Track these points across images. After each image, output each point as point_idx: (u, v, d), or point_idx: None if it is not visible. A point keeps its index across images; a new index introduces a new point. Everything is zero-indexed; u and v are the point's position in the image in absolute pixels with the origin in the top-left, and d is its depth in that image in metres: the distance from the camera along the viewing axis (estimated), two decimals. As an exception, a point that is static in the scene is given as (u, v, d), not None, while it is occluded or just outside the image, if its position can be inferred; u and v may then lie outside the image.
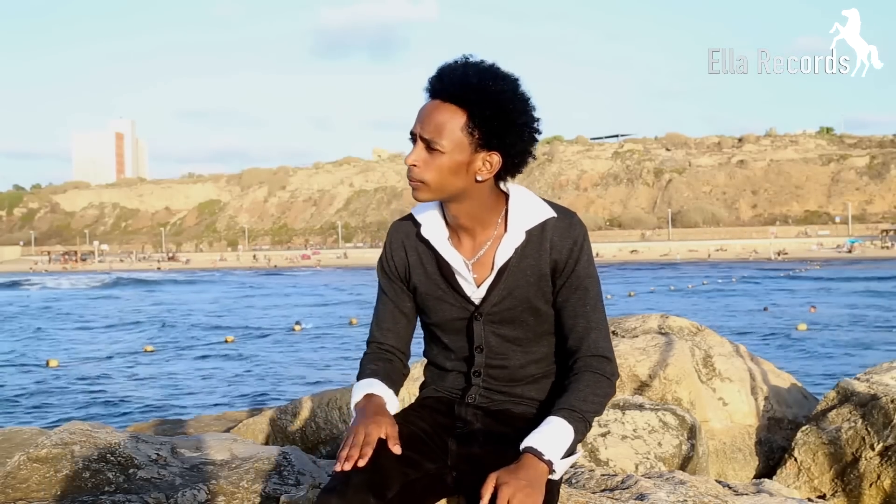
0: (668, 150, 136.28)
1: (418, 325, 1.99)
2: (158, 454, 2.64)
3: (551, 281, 1.79)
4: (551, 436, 1.63)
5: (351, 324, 25.53)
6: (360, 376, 1.89)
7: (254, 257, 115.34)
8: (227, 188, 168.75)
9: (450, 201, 1.77)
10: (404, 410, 1.91)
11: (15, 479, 2.39)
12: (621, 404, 3.67)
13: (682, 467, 3.41)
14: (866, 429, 3.75)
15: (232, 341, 22.29)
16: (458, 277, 1.81)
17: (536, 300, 1.79)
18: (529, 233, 1.78)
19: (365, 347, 1.96)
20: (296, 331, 24.69)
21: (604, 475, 2.36)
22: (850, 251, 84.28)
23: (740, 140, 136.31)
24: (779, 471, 3.93)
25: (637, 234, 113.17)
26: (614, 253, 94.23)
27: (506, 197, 1.82)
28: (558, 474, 1.64)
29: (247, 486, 2.45)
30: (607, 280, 44.49)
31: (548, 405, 1.76)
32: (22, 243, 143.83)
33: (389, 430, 1.71)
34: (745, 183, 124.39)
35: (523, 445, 1.62)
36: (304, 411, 4.83)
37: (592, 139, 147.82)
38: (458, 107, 1.69)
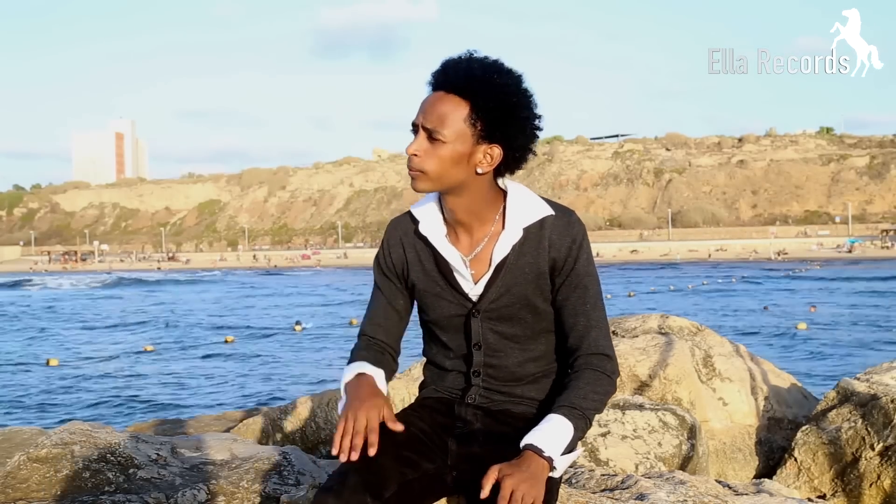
0: (668, 150, 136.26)
1: (416, 324, 1.99)
2: (158, 454, 2.64)
3: (550, 279, 1.79)
4: (551, 433, 1.64)
5: (351, 324, 25.53)
6: (350, 362, 1.89)
7: (254, 257, 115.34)
8: (227, 188, 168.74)
9: (448, 194, 1.77)
10: (403, 410, 1.90)
11: (15, 479, 2.39)
12: (621, 404, 3.67)
13: (682, 467, 3.42)
14: (866, 429, 3.75)
15: (232, 341, 22.31)
16: (455, 274, 1.81)
17: (534, 298, 1.79)
18: (527, 230, 1.78)
19: (357, 339, 1.96)
20: (296, 331, 24.71)
21: (604, 475, 2.36)
22: (850, 251, 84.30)
23: (740, 140, 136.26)
24: (779, 471, 3.94)
25: (637, 234, 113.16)
26: (614, 253, 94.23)
27: (504, 194, 1.82)
28: (559, 471, 1.64)
29: (247, 486, 2.45)
30: (607, 280, 44.49)
31: (548, 405, 1.76)
32: (22, 243, 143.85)
33: (386, 411, 1.70)
34: (745, 183, 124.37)
35: (523, 443, 1.63)
36: (304, 411, 4.83)
37: (592, 139, 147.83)
38: (461, 98, 1.69)
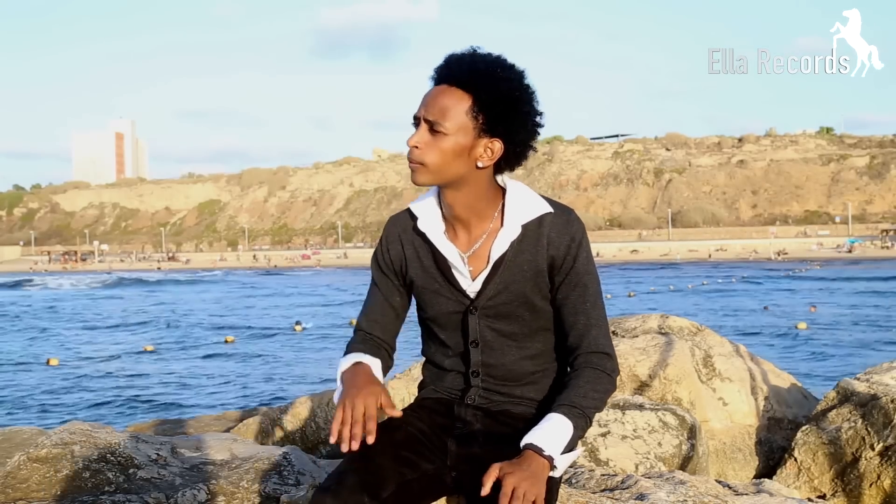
0: (668, 150, 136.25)
1: (416, 324, 1.99)
2: (158, 454, 2.64)
3: (549, 277, 1.78)
4: (551, 432, 1.63)
5: (351, 324, 25.51)
6: (346, 354, 1.88)
7: (254, 257, 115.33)
8: (227, 188, 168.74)
9: (448, 188, 1.77)
10: (403, 411, 1.90)
11: (15, 479, 2.39)
12: (621, 404, 3.67)
13: (682, 467, 3.41)
14: (866, 429, 3.75)
15: (232, 341, 22.31)
16: (453, 271, 1.81)
17: (532, 295, 1.79)
18: (526, 227, 1.77)
19: (353, 335, 1.96)
20: (296, 331, 24.71)
21: (604, 475, 2.36)
22: (850, 251, 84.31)
23: (740, 140, 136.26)
24: (779, 471, 3.93)
25: (636, 234, 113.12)
26: (614, 253, 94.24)
27: (503, 192, 1.82)
28: (559, 470, 1.64)
29: (247, 486, 2.45)
30: (607, 280, 44.49)
31: (547, 405, 1.76)
32: (22, 243, 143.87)
33: (383, 398, 1.69)
34: (745, 183, 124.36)
35: (524, 442, 1.63)
36: (304, 411, 4.83)
37: (592, 139, 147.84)
38: (464, 91, 1.70)
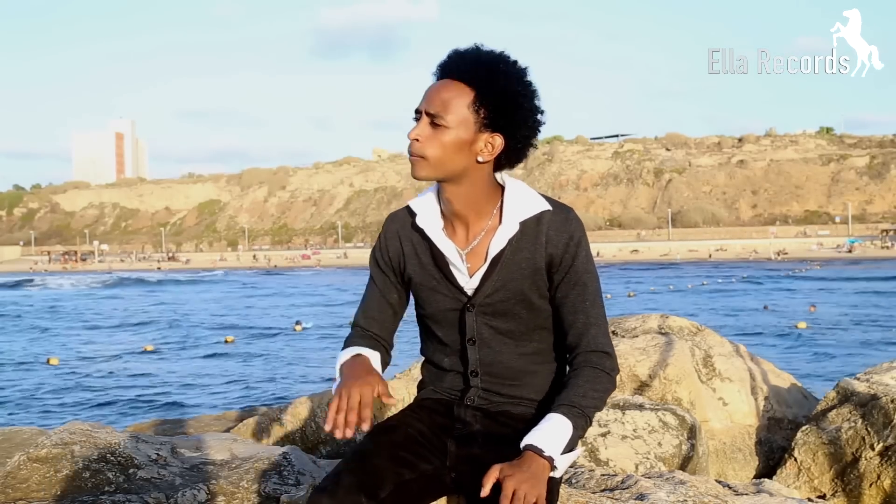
0: (668, 150, 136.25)
1: (414, 322, 1.98)
2: (158, 454, 2.64)
3: (547, 276, 1.78)
4: (551, 432, 1.63)
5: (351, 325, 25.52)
6: (344, 348, 1.88)
7: (254, 257, 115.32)
8: (227, 188, 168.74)
9: (447, 182, 1.76)
10: (402, 411, 1.90)
11: (15, 479, 2.39)
12: (621, 404, 3.67)
13: (682, 467, 3.42)
14: (866, 429, 3.75)
15: (232, 341, 22.31)
16: (451, 267, 1.81)
17: (530, 293, 1.79)
18: (524, 224, 1.77)
19: (350, 330, 1.96)
20: (296, 331, 24.72)
21: (604, 475, 2.35)
22: (850, 251, 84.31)
23: (740, 140, 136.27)
24: (779, 471, 3.93)
25: (635, 234, 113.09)
26: (614, 253, 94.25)
27: (502, 190, 1.82)
28: (559, 471, 1.64)
29: (247, 486, 2.45)
30: (607, 280, 44.50)
31: (547, 405, 1.75)
32: (22, 243, 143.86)
33: (381, 387, 1.69)
34: (745, 183, 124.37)
35: (524, 443, 1.62)
36: (304, 411, 4.82)
37: (592, 139, 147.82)
38: (466, 85, 1.70)
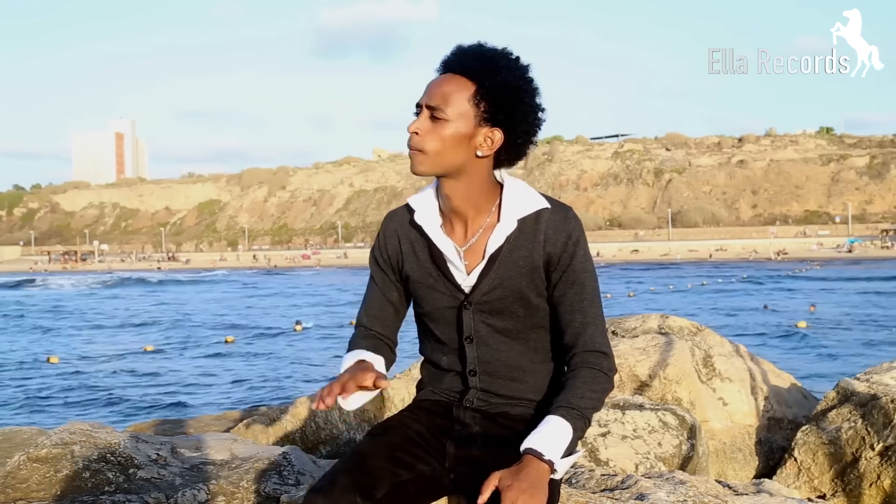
0: (668, 150, 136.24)
1: (413, 322, 1.98)
2: (158, 454, 2.64)
3: (545, 274, 1.78)
4: (550, 435, 1.62)
5: (351, 325, 25.51)
6: (349, 350, 1.89)
7: (254, 257, 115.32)
8: (227, 188, 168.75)
9: (446, 178, 1.77)
10: (401, 412, 1.90)
11: (15, 479, 2.39)
12: (621, 404, 3.66)
13: (682, 467, 3.41)
14: (866, 429, 3.75)
15: (232, 341, 22.30)
16: (449, 265, 1.81)
17: (528, 292, 1.78)
18: (523, 222, 1.77)
19: (354, 330, 1.96)
20: (296, 330, 24.72)
21: (604, 475, 2.35)
22: (850, 251, 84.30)
23: (740, 140, 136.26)
24: (779, 471, 3.93)
25: (634, 234, 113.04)
26: (614, 253, 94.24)
27: (501, 188, 1.82)
28: (560, 474, 1.63)
29: (247, 486, 2.45)
30: (607, 280, 44.52)
31: (546, 405, 1.75)
32: (22, 243, 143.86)
33: (380, 381, 1.69)
34: (745, 183, 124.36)
35: (523, 447, 1.61)
36: (304, 411, 4.82)
37: (592, 139, 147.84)
38: (467, 79, 1.71)
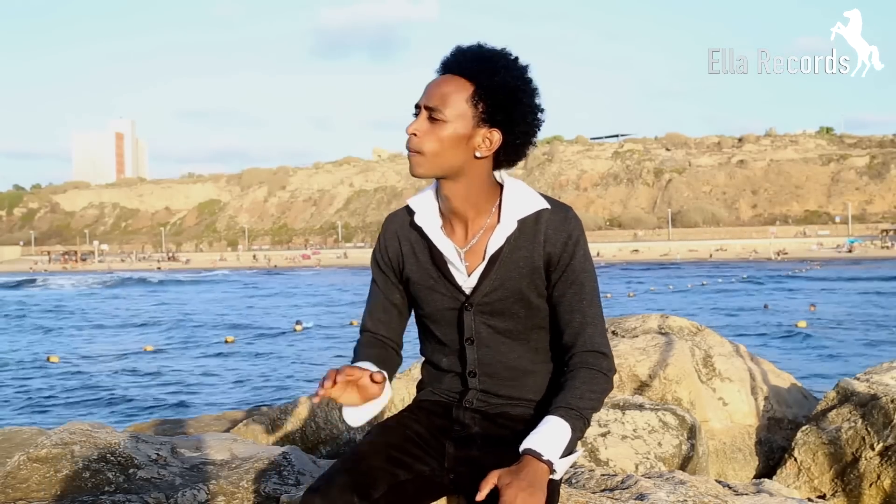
0: (668, 150, 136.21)
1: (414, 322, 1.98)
2: (158, 454, 2.64)
3: (545, 274, 1.78)
4: (549, 436, 1.62)
5: (352, 325, 25.52)
6: (354, 360, 1.89)
7: (254, 257, 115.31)
8: (227, 188, 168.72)
9: (446, 179, 1.76)
10: (400, 412, 1.90)
11: (15, 479, 2.39)
12: (621, 404, 3.66)
13: (682, 467, 3.41)
14: (866, 429, 3.75)
15: (233, 341, 22.30)
16: (449, 266, 1.80)
17: (528, 292, 1.78)
18: (523, 223, 1.77)
19: (359, 336, 1.96)
20: (297, 330, 24.71)
21: (604, 475, 2.35)
22: (850, 251, 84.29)
23: (740, 140, 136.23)
24: (779, 471, 3.93)
25: (633, 234, 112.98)
26: (614, 253, 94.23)
27: (501, 188, 1.82)
28: (559, 474, 1.63)
29: (247, 486, 2.45)
30: (607, 280, 44.51)
31: (545, 405, 1.75)
32: (22, 243, 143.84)
33: (379, 384, 1.69)
34: (745, 183, 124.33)
35: (522, 447, 1.61)
36: (304, 411, 4.82)
37: (592, 139, 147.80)
38: (466, 79, 1.71)
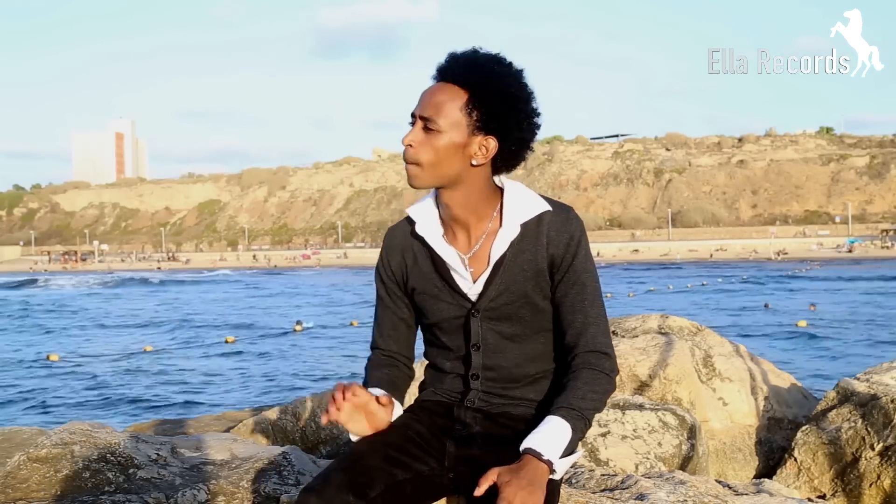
0: (668, 150, 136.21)
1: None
2: (158, 454, 2.64)
3: (549, 276, 1.77)
4: (550, 435, 1.62)
5: (352, 325, 25.51)
6: (365, 385, 1.88)
7: (254, 257, 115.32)
8: (227, 188, 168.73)
9: (444, 188, 1.76)
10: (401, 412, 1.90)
11: (15, 479, 2.39)
12: (621, 404, 3.66)
13: (682, 467, 3.41)
14: (866, 429, 3.75)
15: (233, 341, 22.29)
16: (453, 273, 1.79)
17: (534, 295, 1.77)
18: (525, 226, 1.76)
19: (369, 353, 1.96)
20: (297, 330, 24.70)
21: (604, 475, 2.35)
22: (850, 251, 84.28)
23: (740, 140, 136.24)
24: (779, 471, 3.93)
25: (631, 234, 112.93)
26: (614, 253, 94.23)
27: (501, 192, 1.81)
28: (559, 474, 1.63)
29: (247, 486, 2.45)
30: (608, 280, 44.48)
31: (547, 405, 1.74)
32: (22, 243, 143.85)
33: (385, 406, 1.71)
34: (745, 183, 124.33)
35: (523, 446, 1.61)
36: (305, 411, 4.82)
37: (592, 139, 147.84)
38: (460, 87, 1.69)
